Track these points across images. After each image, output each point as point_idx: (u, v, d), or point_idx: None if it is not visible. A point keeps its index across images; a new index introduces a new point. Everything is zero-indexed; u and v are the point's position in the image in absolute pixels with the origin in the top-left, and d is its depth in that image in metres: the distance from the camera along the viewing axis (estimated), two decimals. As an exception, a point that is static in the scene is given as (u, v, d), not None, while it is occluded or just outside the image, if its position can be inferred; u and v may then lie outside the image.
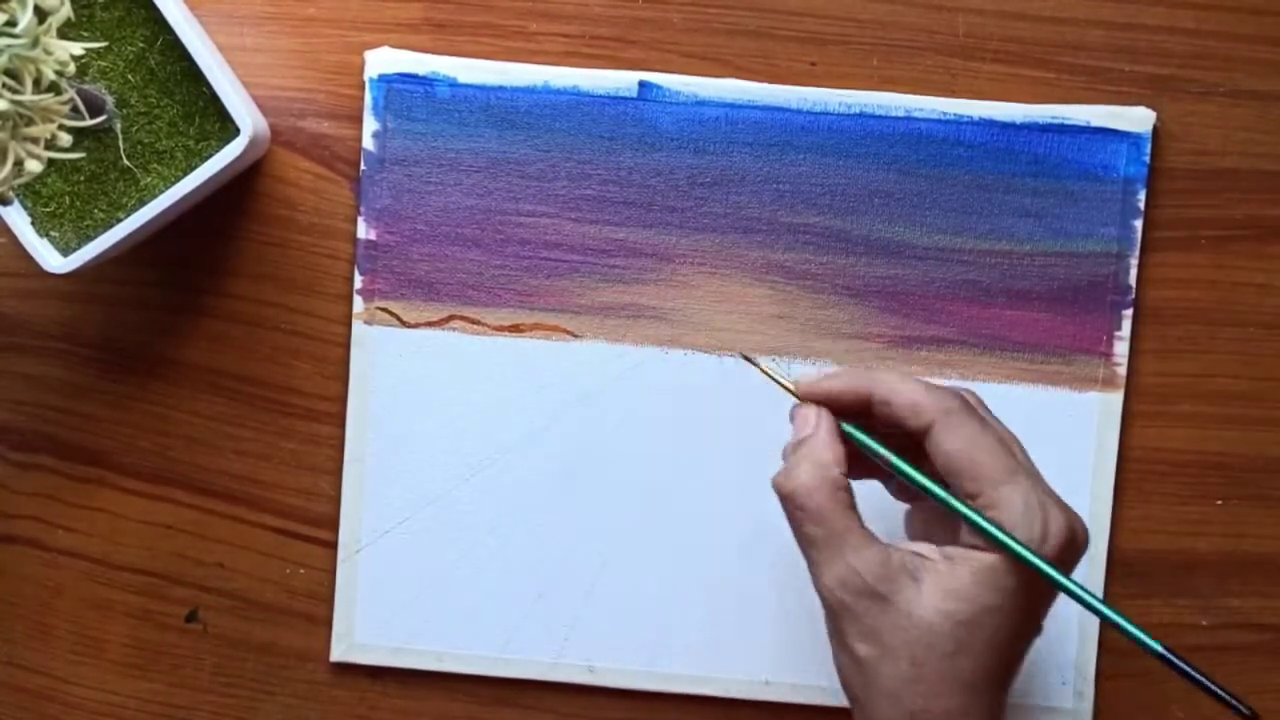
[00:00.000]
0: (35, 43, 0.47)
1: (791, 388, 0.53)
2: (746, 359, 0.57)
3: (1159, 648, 0.49)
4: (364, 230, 0.61)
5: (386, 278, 0.61)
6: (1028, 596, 0.50)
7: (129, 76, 0.57)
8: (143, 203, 0.57)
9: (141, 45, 0.57)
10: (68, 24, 0.53)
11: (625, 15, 0.61)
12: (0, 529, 0.63)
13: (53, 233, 0.58)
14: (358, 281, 0.61)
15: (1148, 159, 0.60)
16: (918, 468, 0.52)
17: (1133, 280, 0.60)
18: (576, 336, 0.61)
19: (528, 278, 0.61)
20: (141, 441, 0.62)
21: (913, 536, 0.55)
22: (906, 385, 0.52)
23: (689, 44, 0.61)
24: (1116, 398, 0.61)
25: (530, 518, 0.61)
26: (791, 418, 0.54)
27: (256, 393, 0.62)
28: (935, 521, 0.54)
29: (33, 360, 0.62)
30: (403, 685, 0.62)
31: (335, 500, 0.62)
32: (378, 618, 0.62)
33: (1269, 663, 0.62)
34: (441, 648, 0.62)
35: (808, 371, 0.60)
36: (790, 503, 0.51)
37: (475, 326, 0.61)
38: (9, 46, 0.47)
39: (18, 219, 0.57)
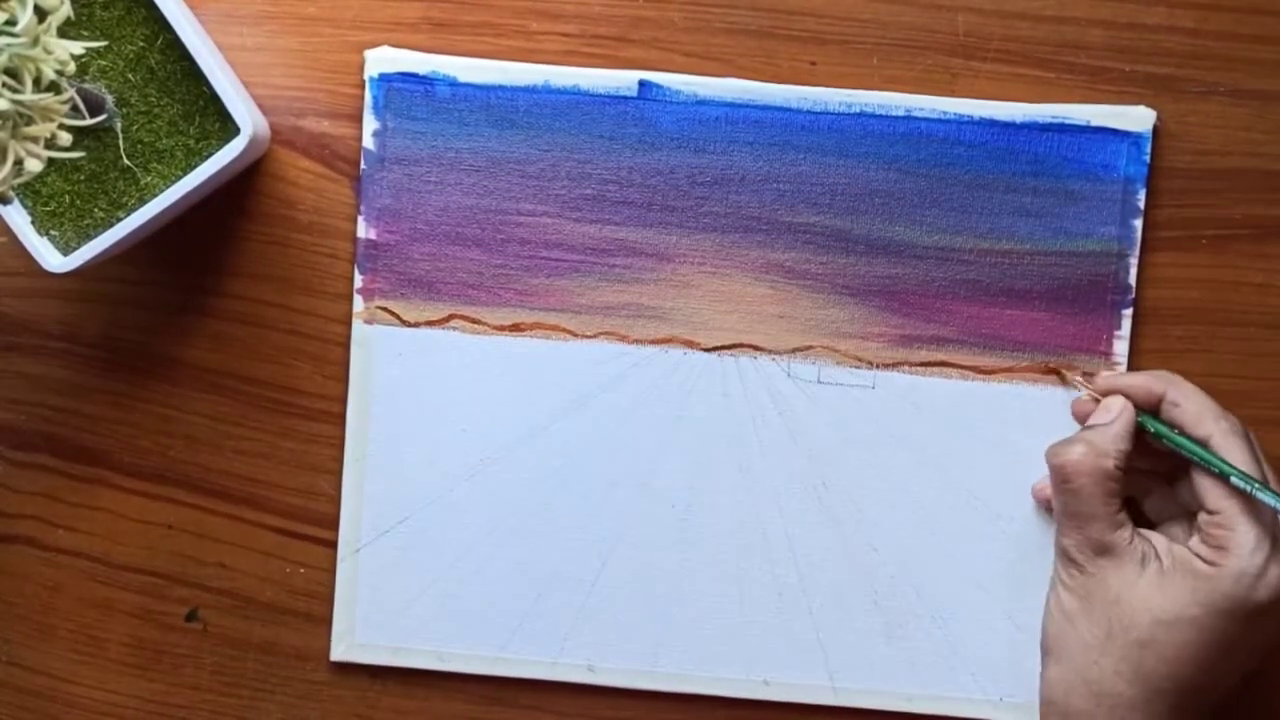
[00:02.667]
0: (35, 42, 0.47)
1: (1090, 387, 0.59)
2: (1060, 375, 0.60)
3: None
4: (364, 229, 0.61)
5: (387, 277, 0.61)
6: (1232, 622, 0.53)
7: (129, 76, 0.57)
8: (143, 202, 0.57)
9: (141, 44, 0.57)
10: (67, 23, 0.53)
11: (625, 14, 0.61)
12: (0, 529, 0.63)
13: (53, 232, 0.58)
14: (358, 281, 0.61)
15: (1148, 159, 0.60)
16: (1207, 458, 0.55)
17: (1133, 280, 0.60)
18: (576, 336, 0.61)
19: (528, 277, 0.61)
20: (142, 441, 0.62)
21: (1155, 520, 0.59)
22: (1198, 394, 0.56)
23: (689, 43, 0.61)
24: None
25: (530, 518, 0.61)
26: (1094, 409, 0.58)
27: (257, 392, 0.62)
28: (1174, 518, 0.58)
29: (33, 360, 0.62)
30: (403, 685, 0.62)
31: (335, 500, 0.62)
32: (378, 617, 0.62)
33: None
34: (441, 647, 0.62)
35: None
36: (1056, 474, 0.56)
37: (475, 326, 0.61)
38: (9, 45, 0.47)
39: (18, 218, 0.57)
